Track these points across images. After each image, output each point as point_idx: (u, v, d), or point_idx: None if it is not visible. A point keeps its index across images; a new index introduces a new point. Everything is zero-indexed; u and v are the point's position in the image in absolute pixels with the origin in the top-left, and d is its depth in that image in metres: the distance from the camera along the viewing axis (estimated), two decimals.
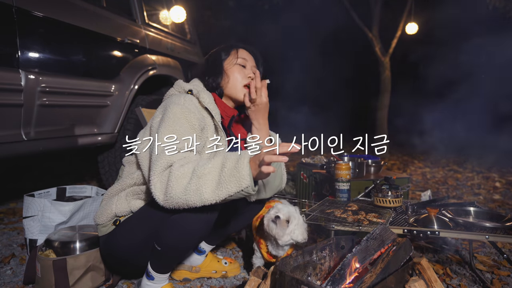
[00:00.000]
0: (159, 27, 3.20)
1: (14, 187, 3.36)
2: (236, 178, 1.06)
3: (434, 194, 3.29)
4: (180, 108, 1.29)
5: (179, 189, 1.11)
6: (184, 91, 1.44)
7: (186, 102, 1.33)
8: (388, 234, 1.22)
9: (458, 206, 1.78)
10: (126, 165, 1.46)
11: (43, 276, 1.43)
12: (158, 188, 1.15)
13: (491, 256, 1.92)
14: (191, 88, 1.42)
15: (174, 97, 1.37)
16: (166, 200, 1.14)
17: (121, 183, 1.39)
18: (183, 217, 1.20)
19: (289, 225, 1.44)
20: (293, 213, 1.48)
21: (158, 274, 1.35)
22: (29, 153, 2.00)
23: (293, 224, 1.44)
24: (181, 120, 1.27)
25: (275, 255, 1.53)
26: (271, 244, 1.52)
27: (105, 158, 2.76)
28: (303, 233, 1.46)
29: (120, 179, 1.42)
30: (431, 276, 1.18)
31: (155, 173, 1.17)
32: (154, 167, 1.17)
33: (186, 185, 1.10)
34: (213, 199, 1.09)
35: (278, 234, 1.43)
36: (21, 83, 1.85)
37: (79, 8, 2.28)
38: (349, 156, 2.50)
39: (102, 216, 1.38)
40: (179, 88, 1.46)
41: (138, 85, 2.62)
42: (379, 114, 6.29)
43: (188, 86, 1.44)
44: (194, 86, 1.44)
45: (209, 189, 1.08)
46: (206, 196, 1.08)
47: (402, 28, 6.04)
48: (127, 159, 1.48)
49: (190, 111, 1.30)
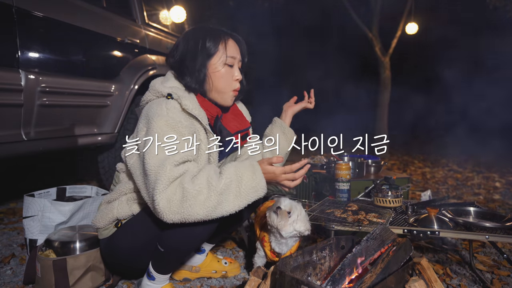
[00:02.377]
0: (159, 27, 3.20)
1: (14, 187, 3.36)
2: (255, 190, 1.17)
3: (434, 194, 3.29)
4: (165, 120, 1.20)
5: (198, 207, 1.11)
6: (162, 95, 1.29)
7: (169, 111, 1.22)
8: (388, 234, 1.22)
9: (458, 206, 1.78)
10: (121, 172, 1.43)
11: (43, 276, 1.43)
12: (165, 206, 1.10)
13: (491, 256, 1.92)
14: (170, 92, 1.28)
15: (154, 105, 1.25)
16: (175, 217, 1.11)
17: (121, 189, 1.37)
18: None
19: (291, 215, 1.43)
20: (295, 204, 1.48)
21: (159, 275, 1.35)
22: (29, 153, 2.00)
23: (295, 215, 1.44)
24: (169, 132, 1.19)
25: (278, 253, 1.52)
26: (274, 239, 1.51)
27: (105, 158, 2.76)
28: (306, 224, 1.45)
29: (118, 185, 1.40)
30: (431, 276, 1.18)
31: (159, 191, 1.10)
32: (158, 185, 1.11)
33: (204, 201, 1.11)
34: (233, 210, 1.15)
35: (280, 224, 1.42)
36: (21, 83, 1.85)
37: (79, 8, 2.28)
38: (349, 156, 2.50)
39: (102, 220, 1.37)
40: (156, 92, 1.31)
41: (138, 85, 2.62)
42: (379, 114, 6.29)
43: (166, 89, 1.29)
44: (172, 89, 1.29)
45: (230, 203, 1.14)
46: (227, 209, 1.14)
47: (402, 28, 6.04)
48: (121, 166, 1.44)
49: (176, 121, 1.21)
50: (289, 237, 1.47)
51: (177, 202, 1.10)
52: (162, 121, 1.20)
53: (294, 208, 1.46)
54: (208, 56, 1.33)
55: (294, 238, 1.50)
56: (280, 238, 1.48)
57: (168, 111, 1.23)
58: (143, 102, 1.35)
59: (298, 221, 1.44)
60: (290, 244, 1.51)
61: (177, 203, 1.10)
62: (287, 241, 1.49)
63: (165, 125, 1.20)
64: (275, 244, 1.51)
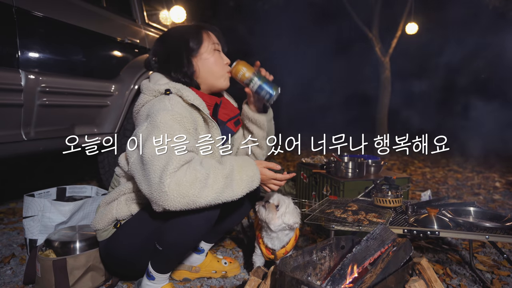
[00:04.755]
0: (159, 27, 3.20)
1: (14, 187, 3.36)
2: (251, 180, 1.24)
3: (434, 194, 3.29)
4: (171, 114, 1.20)
5: (207, 189, 1.13)
6: (160, 93, 1.29)
7: (174, 106, 1.23)
8: (388, 234, 1.22)
9: (458, 206, 1.78)
10: (121, 177, 1.42)
11: (43, 276, 1.43)
12: (174, 189, 1.09)
13: (491, 256, 1.92)
14: (168, 88, 1.29)
15: (156, 103, 1.25)
16: (183, 200, 1.10)
17: (119, 190, 1.37)
18: (185, 215, 1.20)
19: (279, 208, 1.46)
20: (283, 198, 1.50)
21: (159, 274, 1.35)
22: (29, 153, 2.01)
23: (283, 208, 1.46)
24: (175, 126, 1.19)
25: (272, 250, 1.52)
26: (266, 234, 1.52)
27: (105, 158, 2.76)
28: (295, 216, 1.47)
29: (117, 188, 1.40)
30: (431, 276, 1.18)
31: (169, 173, 1.09)
32: (168, 167, 1.10)
33: (212, 184, 1.14)
34: (238, 195, 1.20)
35: (268, 218, 1.45)
36: (21, 83, 1.85)
37: (79, 8, 2.28)
38: (349, 156, 2.50)
39: (102, 221, 1.36)
40: (152, 92, 1.29)
41: (138, 85, 2.62)
42: (379, 114, 6.29)
43: (162, 86, 1.29)
44: (168, 84, 1.30)
45: (235, 187, 1.19)
46: (232, 194, 1.18)
47: (402, 28, 6.04)
48: (119, 170, 1.43)
49: (182, 116, 1.22)
50: (278, 231, 1.48)
51: (187, 184, 1.10)
52: (168, 115, 1.19)
53: (282, 202, 1.48)
54: (195, 51, 1.36)
55: (286, 232, 1.51)
56: (270, 232, 1.49)
57: (172, 106, 1.23)
58: (139, 105, 1.32)
59: (286, 214, 1.46)
60: (283, 240, 1.51)
61: (186, 185, 1.10)
62: (278, 235, 1.50)
63: (171, 120, 1.19)
64: (267, 239, 1.52)
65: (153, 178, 1.12)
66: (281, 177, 1.34)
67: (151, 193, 1.13)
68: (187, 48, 1.35)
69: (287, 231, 1.51)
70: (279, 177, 1.33)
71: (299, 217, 1.50)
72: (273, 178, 1.33)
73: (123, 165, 1.37)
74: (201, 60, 1.37)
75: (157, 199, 1.12)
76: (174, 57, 1.35)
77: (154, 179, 1.11)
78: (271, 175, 1.32)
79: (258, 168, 1.28)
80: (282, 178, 1.34)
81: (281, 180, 1.35)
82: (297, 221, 1.47)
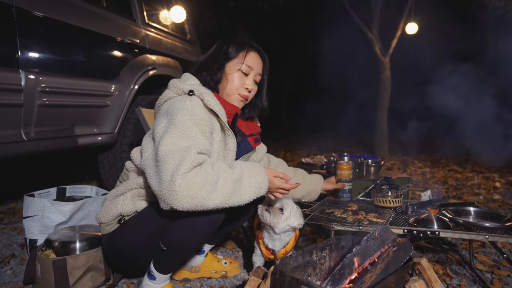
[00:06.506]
0: (159, 27, 3.20)
1: (14, 187, 3.36)
2: (260, 186, 1.23)
3: (434, 194, 3.28)
4: (190, 115, 1.23)
5: (216, 193, 1.12)
6: (184, 92, 1.33)
7: (194, 108, 1.26)
8: (388, 234, 1.22)
9: (458, 206, 1.78)
10: (131, 171, 1.44)
11: (43, 276, 1.43)
12: (184, 189, 1.09)
13: (491, 256, 1.92)
14: (192, 89, 1.33)
15: (177, 101, 1.28)
16: (191, 201, 1.10)
17: (127, 185, 1.38)
18: (191, 217, 1.20)
19: (283, 212, 1.45)
20: (286, 201, 1.49)
21: (160, 274, 1.35)
22: (29, 153, 2.00)
23: (287, 211, 1.46)
24: (192, 127, 1.21)
25: (272, 250, 1.52)
26: (267, 235, 1.52)
27: (105, 158, 2.76)
28: (299, 218, 1.47)
29: (125, 182, 1.41)
30: (431, 276, 1.18)
31: (181, 173, 1.09)
32: (181, 166, 1.10)
33: (221, 188, 1.14)
34: (245, 200, 1.19)
35: (274, 222, 1.44)
36: (21, 83, 1.85)
37: (79, 8, 2.28)
38: (349, 156, 2.50)
39: (106, 215, 1.37)
40: (177, 90, 1.34)
41: (138, 85, 2.62)
42: (379, 115, 6.28)
43: (187, 86, 1.34)
44: (193, 86, 1.34)
45: (243, 193, 1.18)
46: (239, 199, 1.17)
47: (402, 28, 6.03)
48: (130, 165, 1.44)
49: (200, 118, 1.25)
50: (282, 233, 1.48)
51: (197, 186, 1.10)
52: (187, 115, 1.22)
53: (286, 205, 1.47)
54: (228, 59, 1.41)
55: (288, 233, 1.51)
56: (274, 234, 1.49)
57: (192, 107, 1.26)
58: (161, 100, 1.36)
59: (291, 217, 1.46)
60: (284, 240, 1.51)
61: (196, 187, 1.10)
62: (281, 237, 1.50)
63: (189, 120, 1.22)
64: (268, 240, 1.52)
65: (165, 176, 1.12)
66: (287, 187, 1.33)
67: (161, 191, 1.13)
68: (224, 55, 1.41)
69: (289, 232, 1.51)
70: (286, 187, 1.33)
71: (303, 218, 1.50)
72: (281, 187, 1.32)
73: (135, 159, 1.40)
74: (227, 70, 1.41)
75: (166, 197, 1.12)
76: (212, 58, 1.42)
77: (166, 177, 1.12)
78: (279, 185, 1.31)
79: (268, 176, 1.27)
80: (288, 188, 1.33)
81: (288, 190, 1.35)
82: (301, 222, 1.47)
